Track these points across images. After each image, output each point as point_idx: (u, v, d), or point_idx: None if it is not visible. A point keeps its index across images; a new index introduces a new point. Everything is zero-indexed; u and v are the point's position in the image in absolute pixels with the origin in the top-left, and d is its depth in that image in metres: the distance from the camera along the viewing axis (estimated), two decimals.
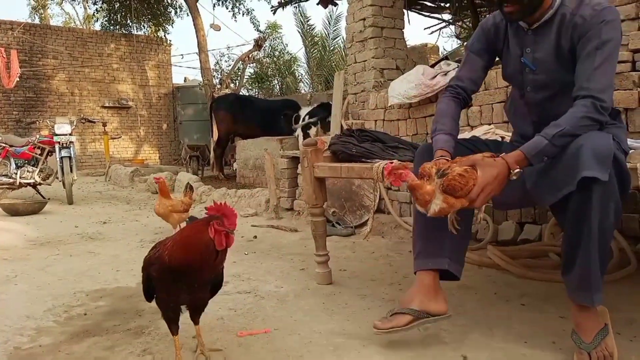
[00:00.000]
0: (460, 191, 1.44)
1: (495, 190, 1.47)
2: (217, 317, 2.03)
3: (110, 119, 12.22)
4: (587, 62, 1.52)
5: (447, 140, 1.70)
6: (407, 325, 1.63)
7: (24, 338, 1.86)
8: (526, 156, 1.47)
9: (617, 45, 1.52)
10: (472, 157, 1.51)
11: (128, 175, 8.00)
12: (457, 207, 1.48)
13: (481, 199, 1.46)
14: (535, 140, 1.49)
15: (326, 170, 2.38)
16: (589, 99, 1.48)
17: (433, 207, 1.46)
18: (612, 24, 1.51)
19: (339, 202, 4.01)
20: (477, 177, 1.46)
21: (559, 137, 1.45)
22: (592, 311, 1.51)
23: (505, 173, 1.47)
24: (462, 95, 1.84)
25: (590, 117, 1.47)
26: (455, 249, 1.72)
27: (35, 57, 11.45)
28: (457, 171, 1.45)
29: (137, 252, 3.33)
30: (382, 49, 4.81)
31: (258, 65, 15.07)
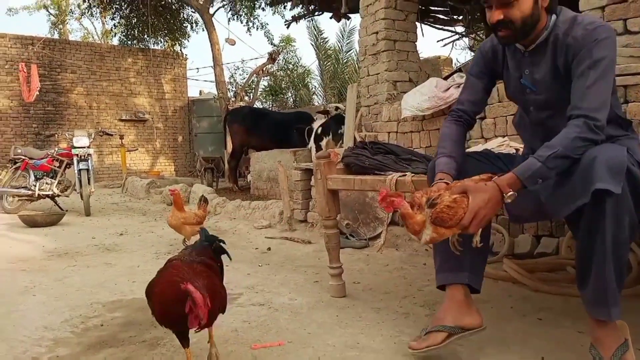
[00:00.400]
0: (449, 221, 1.45)
1: (488, 215, 1.47)
2: (231, 329, 2.04)
3: (127, 132, 12.40)
4: (580, 81, 1.51)
5: (447, 162, 1.71)
6: (443, 343, 1.63)
7: (41, 349, 1.89)
8: (519, 178, 1.46)
9: (611, 63, 1.51)
10: (463, 184, 1.52)
11: (144, 187, 8.10)
12: (447, 236, 1.49)
13: (475, 225, 1.46)
14: (528, 162, 1.48)
15: (339, 182, 2.39)
16: (581, 119, 1.47)
17: (424, 236, 1.48)
18: (605, 42, 1.50)
19: (353, 214, 4.01)
20: (468, 205, 1.46)
21: (553, 159, 1.44)
22: (610, 326, 1.48)
23: (497, 197, 1.46)
24: (464, 118, 1.85)
25: (583, 138, 1.45)
26: (475, 262, 1.72)
27: (54, 71, 11.71)
28: (445, 202, 1.46)
29: (153, 263, 3.36)
30: (395, 61, 4.84)
31: (272, 78, 15.22)
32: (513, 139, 2.99)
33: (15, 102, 11.09)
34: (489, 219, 1.49)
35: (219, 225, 5.01)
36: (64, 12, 18.87)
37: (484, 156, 1.85)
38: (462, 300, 1.68)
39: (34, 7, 18.66)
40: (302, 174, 4.62)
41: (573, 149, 1.45)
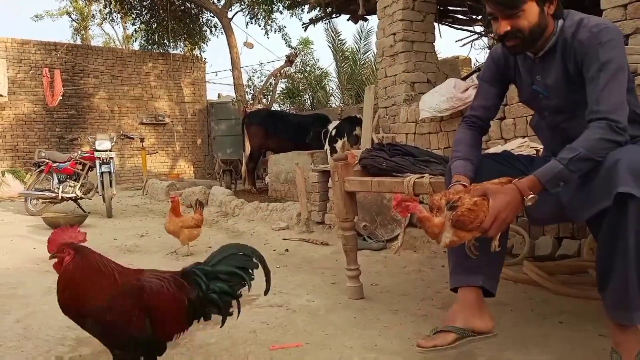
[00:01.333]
0: (470, 225, 1.44)
1: (508, 218, 1.46)
2: (249, 330, 2.06)
3: (148, 135, 12.58)
4: (593, 85, 1.49)
5: (463, 164, 1.70)
6: (451, 344, 1.60)
7: (65, 348, 1.93)
8: (540, 181, 1.44)
9: (621, 63, 1.49)
10: (483, 187, 1.50)
11: (164, 190, 8.21)
12: (467, 239, 1.48)
13: (495, 228, 1.45)
14: (550, 164, 1.45)
15: (356, 184, 2.39)
16: (603, 121, 1.44)
17: (444, 239, 1.46)
18: (610, 44, 1.48)
19: (370, 216, 4.00)
20: (488, 207, 1.44)
21: (576, 162, 1.42)
22: (632, 330, 1.46)
23: (517, 199, 1.44)
24: (478, 123, 1.84)
25: (607, 139, 1.43)
26: (490, 265, 1.69)
27: (77, 76, 11.96)
28: (466, 205, 1.44)
29: (173, 264, 3.40)
30: (413, 62, 4.82)
31: (289, 80, 15.28)
32: (533, 140, 2.95)
33: (39, 106, 11.35)
34: (509, 222, 1.48)
35: (237, 227, 5.05)
36: (86, 18, 19.26)
37: (503, 158, 1.83)
38: (473, 302, 1.65)
39: (57, 14, 19.08)
40: (319, 176, 4.63)
41: (596, 150, 1.42)
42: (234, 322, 2.15)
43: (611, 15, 2.86)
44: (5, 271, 3.30)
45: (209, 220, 5.66)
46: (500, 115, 3.46)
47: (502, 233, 1.66)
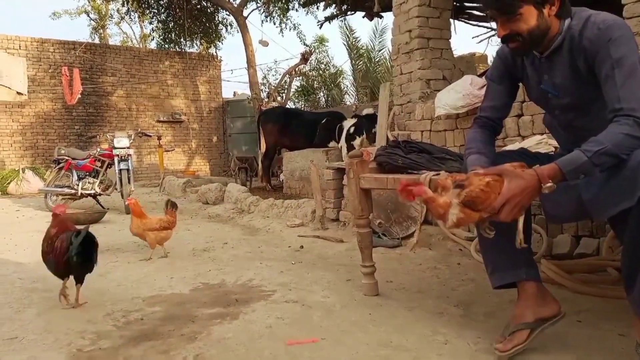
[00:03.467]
0: (481, 205, 1.39)
1: (522, 204, 1.41)
2: (265, 325, 2.08)
3: (165, 133, 12.72)
4: (610, 84, 1.46)
5: (477, 157, 1.68)
6: (527, 340, 1.65)
7: (85, 341, 1.97)
8: (562, 170, 1.40)
9: (635, 58, 1.44)
10: (501, 167, 1.47)
11: (180, 186, 8.29)
12: (475, 219, 1.43)
13: (506, 212, 1.41)
14: (573, 154, 1.41)
15: (372, 181, 2.39)
16: (630, 118, 1.40)
17: (451, 217, 1.42)
18: (620, 39, 1.45)
19: (385, 213, 4.00)
20: (502, 188, 1.40)
21: (600, 156, 1.38)
22: None
23: (535, 186, 1.40)
24: (488, 124, 1.82)
25: (635, 136, 1.38)
26: (525, 254, 1.71)
27: (95, 74, 12.13)
28: (477, 184, 1.40)
29: (190, 260, 3.44)
30: (429, 59, 4.78)
31: (304, 78, 15.30)
32: (551, 137, 2.92)
33: (59, 104, 11.54)
34: (522, 209, 1.43)
35: (253, 224, 5.08)
36: (104, 17, 19.53)
37: (519, 155, 1.81)
38: (535, 293, 1.68)
39: (75, 12, 19.37)
40: (334, 173, 4.64)
41: (622, 147, 1.38)
42: (251, 317, 2.18)
43: (633, 10, 2.81)
44: (26, 266, 3.37)
45: (225, 216, 5.70)
46: (517, 112, 3.42)
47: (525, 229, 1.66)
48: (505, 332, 1.69)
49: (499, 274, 1.75)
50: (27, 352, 1.87)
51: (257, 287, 2.69)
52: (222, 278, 2.91)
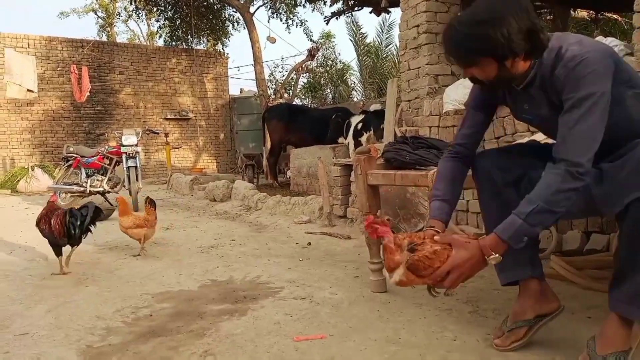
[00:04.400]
0: (423, 271, 1.44)
1: (466, 274, 1.46)
2: (273, 321, 2.08)
3: (172, 130, 12.76)
4: (563, 121, 1.43)
5: (439, 207, 1.70)
6: (526, 337, 1.67)
7: (94, 337, 1.99)
8: (501, 239, 1.42)
9: (599, 98, 1.38)
10: (450, 237, 1.51)
11: (188, 184, 8.32)
12: (417, 284, 1.48)
13: (451, 280, 1.45)
14: (509, 220, 1.42)
15: (379, 177, 2.39)
16: (563, 165, 1.38)
17: (394, 277, 1.48)
18: (589, 77, 1.39)
19: (393, 210, 3.98)
20: (447, 258, 1.45)
21: (534, 215, 1.38)
22: (627, 327, 1.45)
23: (478, 258, 1.45)
24: (462, 153, 1.78)
25: (565, 189, 1.37)
26: (532, 253, 1.72)
27: (103, 72, 12.19)
28: (425, 251, 1.45)
29: (198, 257, 3.45)
30: (437, 54, 4.75)
31: (311, 74, 15.28)
32: None
33: (67, 102, 11.62)
34: (467, 277, 1.48)
35: (260, 220, 5.09)
36: (111, 15, 19.59)
37: (529, 148, 1.80)
38: (537, 290, 1.69)
39: (83, 11, 19.45)
40: (341, 170, 4.63)
41: (554, 202, 1.38)
42: (259, 314, 2.19)
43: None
44: (36, 262, 3.40)
45: (232, 213, 5.72)
46: None
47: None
48: (503, 326, 1.72)
49: (506, 273, 1.77)
50: (37, 347, 1.89)
51: (265, 283, 2.70)
52: (230, 275, 2.91)
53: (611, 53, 1.47)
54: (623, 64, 1.51)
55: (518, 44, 1.42)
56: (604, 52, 1.43)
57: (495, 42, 1.41)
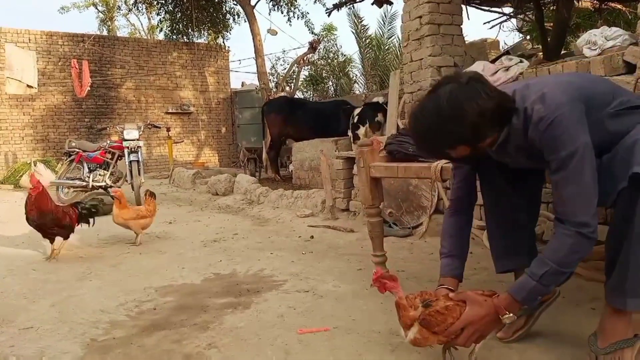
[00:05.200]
0: (436, 327, 1.42)
1: (480, 331, 1.44)
2: (277, 314, 2.08)
3: (174, 124, 12.74)
4: (555, 182, 1.40)
5: (449, 263, 1.70)
6: (527, 325, 1.70)
7: (99, 330, 1.99)
8: (515, 299, 1.42)
9: (583, 151, 1.34)
10: (464, 293, 1.50)
11: (190, 178, 8.32)
12: (432, 342, 1.45)
13: (465, 337, 1.43)
14: (522, 280, 1.43)
15: (382, 170, 2.38)
16: (571, 228, 1.36)
17: (409, 334, 1.46)
18: (565, 136, 1.35)
19: (396, 203, 3.98)
20: (461, 314, 1.43)
21: (548, 277, 1.38)
22: (623, 318, 1.45)
23: (493, 317, 1.44)
24: (460, 207, 1.78)
25: (577, 251, 1.37)
26: (528, 241, 1.75)
27: (104, 67, 12.16)
28: (438, 306, 1.44)
29: (201, 251, 3.46)
30: (440, 46, 4.72)
31: (313, 67, 15.22)
32: None
33: (69, 97, 11.60)
34: (481, 336, 1.46)
35: (262, 214, 5.09)
36: (111, 9, 19.52)
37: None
38: None
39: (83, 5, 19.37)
40: (343, 163, 4.61)
41: (567, 264, 1.39)
42: (262, 307, 2.19)
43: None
44: (40, 257, 3.41)
45: (235, 207, 5.72)
46: None
47: (533, 215, 1.68)
48: None
49: (503, 261, 1.79)
50: (42, 341, 1.90)
51: (268, 277, 2.70)
52: (233, 268, 2.92)
53: (575, 91, 1.41)
54: (593, 88, 1.47)
55: (486, 129, 1.42)
56: (568, 100, 1.38)
57: (463, 135, 1.41)
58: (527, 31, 8.02)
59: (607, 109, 1.45)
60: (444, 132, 1.41)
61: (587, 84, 1.50)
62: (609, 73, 2.77)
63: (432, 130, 1.43)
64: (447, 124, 1.39)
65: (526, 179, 1.72)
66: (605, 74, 2.77)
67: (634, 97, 1.52)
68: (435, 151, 1.55)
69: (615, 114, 1.45)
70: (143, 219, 3.76)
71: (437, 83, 1.48)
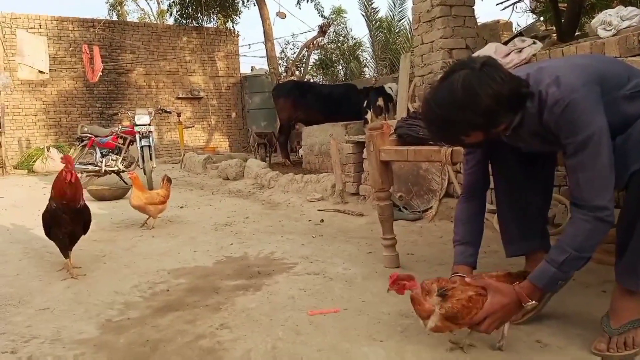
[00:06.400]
0: (462, 319, 1.43)
1: (503, 318, 1.46)
2: (287, 296, 2.11)
3: (184, 109, 12.78)
4: (571, 166, 1.40)
5: (462, 251, 1.70)
6: (537, 307, 1.68)
7: (113, 311, 2.04)
8: (537, 286, 1.44)
9: (600, 135, 1.33)
10: (485, 281, 1.50)
11: (201, 163, 8.37)
12: (453, 329, 1.47)
13: (487, 325, 1.44)
14: (542, 267, 1.43)
15: (392, 153, 2.37)
16: (589, 213, 1.36)
17: (430, 323, 1.46)
18: (581, 119, 1.33)
19: (406, 187, 3.97)
20: (483, 304, 1.44)
21: (568, 263, 1.39)
22: (635, 298, 1.45)
23: (515, 304, 1.45)
24: (473, 193, 1.77)
25: (596, 236, 1.38)
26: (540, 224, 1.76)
27: (115, 52, 12.18)
28: (461, 300, 1.44)
29: (212, 234, 3.50)
30: (451, 28, 4.65)
31: (322, 51, 15.10)
32: None
33: (80, 82, 11.67)
34: (503, 323, 1.48)
35: (273, 198, 5.12)
36: None
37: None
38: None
39: None
40: (353, 147, 4.61)
41: (585, 249, 1.39)
42: (273, 289, 2.22)
43: None
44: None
45: (245, 192, 5.75)
46: None
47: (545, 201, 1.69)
48: None
49: (513, 246, 1.80)
50: (58, 321, 1.94)
51: (279, 259, 2.73)
52: (244, 251, 2.95)
53: (590, 74, 1.40)
54: (607, 70, 1.45)
55: (500, 114, 1.40)
56: (583, 82, 1.37)
57: (477, 122, 1.40)
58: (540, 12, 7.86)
59: (622, 91, 1.44)
60: (459, 120, 1.40)
61: (601, 66, 1.48)
62: (624, 54, 2.72)
63: (447, 118, 1.42)
64: (462, 111, 1.38)
65: (538, 163, 1.71)
66: (620, 55, 2.72)
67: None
68: (449, 139, 1.56)
69: (630, 96, 1.43)
70: (162, 204, 3.81)
71: (449, 69, 1.46)
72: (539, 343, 1.56)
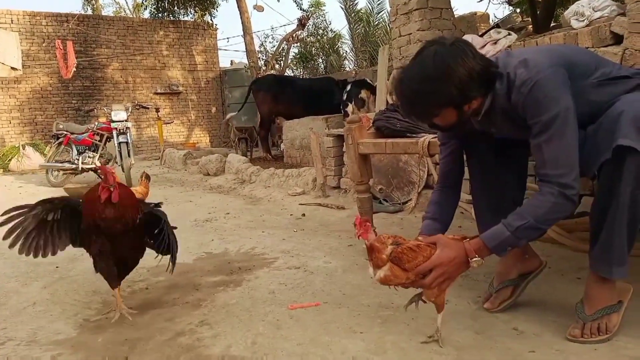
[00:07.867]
0: (407, 263, 1.44)
1: (449, 272, 1.46)
2: (268, 290, 2.10)
3: (163, 105, 12.59)
4: (536, 145, 1.42)
5: (428, 225, 1.72)
6: (513, 296, 1.74)
7: (91, 311, 2.01)
8: (487, 245, 1.45)
9: (565, 114, 1.36)
10: (436, 236, 1.52)
11: (181, 159, 8.28)
12: (401, 280, 1.47)
13: (432, 278, 1.45)
14: (497, 229, 1.45)
15: (370, 146, 2.38)
16: (554, 186, 1.38)
17: (379, 273, 1.48)
18: (547, 99, 1.36)
19: (386, 179, 4.00)
20: (431, 255, 1.45)
21: (523, 230, 1.41)
22: (608, 285, 1.49)
23: (462, 259, 1.45)
24: (447, 182, 1.79)
25: (557, 210, 1.39)
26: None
27: (90, 47, 11.92)
28: (409, 244, 1.46)
29: (193, 231, 3.47)
30: (428, 20, 4.68)
31: (302, 44, 15.02)
32: None
33: (55, 79, 11.40)
34: (449, 278, 1.48)
35: (254, 193, 5.09)
36: None
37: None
38: (519, 251, 1.71)
39: None
40: (334, 140, 4.61)
41: (544, 221, 1.42)
42: (254, 284, 2.21)
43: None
44: None
45: (226, 187, 5.71)
46: None
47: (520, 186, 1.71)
48: (490, 289, 1.78)
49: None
50: (35, 322, 1.91)
51: (259, 255, 2.72)
52: (225, 247, 2.93)
53: (557, 57, 1.43)
54: (574, 57, 1.48)
55: (473, 89, 1.42)
56: (550, 64, 1.40)
57: (450, 95, 1.41)
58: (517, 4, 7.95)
59: (590, 79, 1.46)
60: (431, 93, 1.41)
61: (569, 52, 1.51)
62: (596, 44, 2.76)
63: (419, 92, 1.43)
64: (434, 83, 1.39)
65: (512, 153, 1.73)
66: (593, 46, 2.77)
67: (617, 68, 1.53)
68: (422, 115, 1.54)
69: (598, 84, 1.46)
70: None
71: (420, 48, 1.48)
72: (516, 330, 1.59)
